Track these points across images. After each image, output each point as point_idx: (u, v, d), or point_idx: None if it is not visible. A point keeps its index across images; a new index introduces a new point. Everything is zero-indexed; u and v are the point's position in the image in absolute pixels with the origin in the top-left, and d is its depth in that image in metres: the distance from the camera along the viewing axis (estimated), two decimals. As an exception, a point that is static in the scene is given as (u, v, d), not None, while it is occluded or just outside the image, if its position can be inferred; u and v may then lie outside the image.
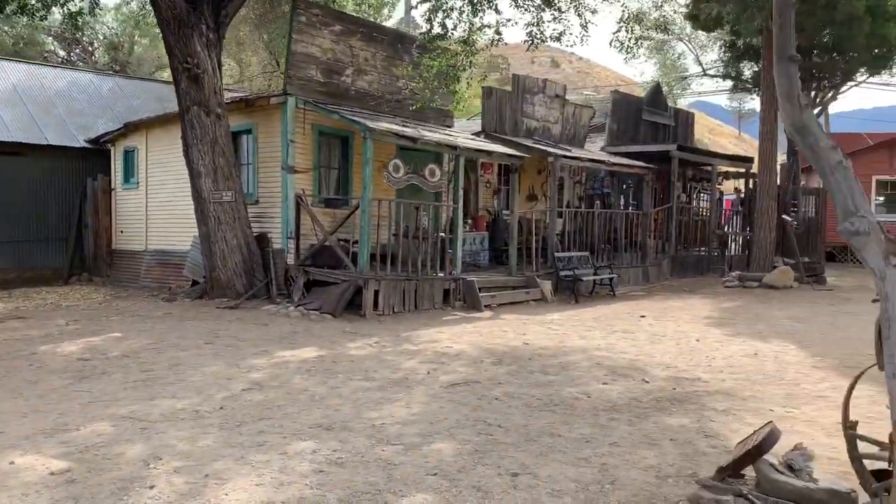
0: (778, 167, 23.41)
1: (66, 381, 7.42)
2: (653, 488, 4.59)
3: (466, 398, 6.83)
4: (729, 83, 30.89)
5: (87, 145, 18.01)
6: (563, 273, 15.12)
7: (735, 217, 22.23)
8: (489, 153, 14.58)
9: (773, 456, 4.48)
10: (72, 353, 8.79)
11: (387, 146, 13.77)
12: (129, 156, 17.36)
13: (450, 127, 16.35)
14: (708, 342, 10.05)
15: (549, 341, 9.99)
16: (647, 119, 21.97)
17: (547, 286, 14.77)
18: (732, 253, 21.23)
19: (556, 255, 15.34)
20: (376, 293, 12.05)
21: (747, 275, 17.41)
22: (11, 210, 16.94)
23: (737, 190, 24.37)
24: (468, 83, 15.38)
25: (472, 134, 16.95)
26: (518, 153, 15.17)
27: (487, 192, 18.14)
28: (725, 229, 21.99)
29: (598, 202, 19.98)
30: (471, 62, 13.89)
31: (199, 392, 7.00)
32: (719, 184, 22.34)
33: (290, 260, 13.27)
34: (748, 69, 27.25)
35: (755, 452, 4.44)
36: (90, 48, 37.89)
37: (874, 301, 4.00)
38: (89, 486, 4.57)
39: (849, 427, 4.07)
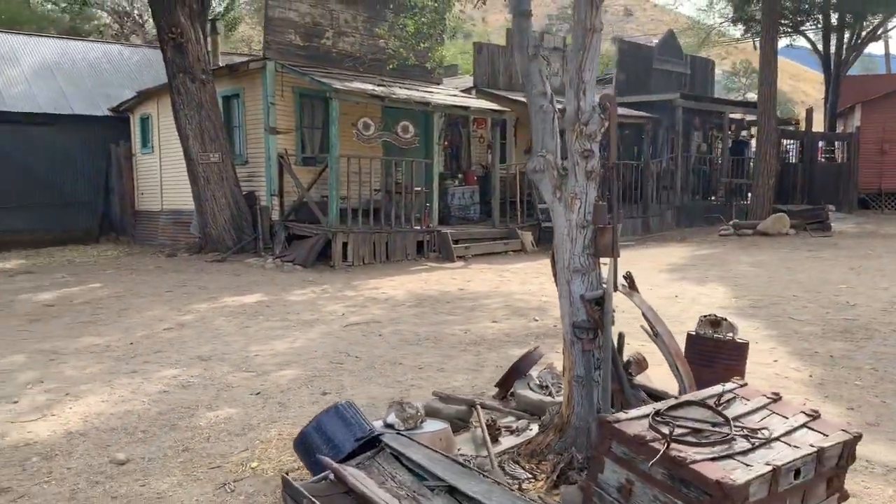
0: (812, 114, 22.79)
1: (20, 323, 8.46)
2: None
3: (352, 335, 7.49)
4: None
5: (110, 114, 19.26)
6: (544, 224, 15.47)
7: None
8: (465, 108, 14.95)
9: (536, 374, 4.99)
10: (43, 301, 9.88)
11: (371, 106, 14.35)
12: (144, 122, 18.51)
13: (437, 84, 16.74)
14: (641, 286, 10.33)
15: (486, 287, 10.51)
16: (659, 68, 21.71)
17: (528, 237, 15.18)
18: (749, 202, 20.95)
19: (540, 206, 15.67)
20: (345, 245, 12.78)
21: (743, 223, 17.30)
22: (45, 176, 18.38)
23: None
24: (447, 39, 15.69)
25: (463, 90, 17.30)
26: (497, 107, 15.47)
27: (481, 146, 18.49)
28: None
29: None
30: (443, 19, 14.21)
31: (125, 331, 7.89)
32: (732, 131, 21.91)
33: (276, 216, 14.12)
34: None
35: (513, 370, 4.97)
36: (141, 20, 39.52)
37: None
38: (-33, 401, 5.48)
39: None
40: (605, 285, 3.85)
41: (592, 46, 3.73)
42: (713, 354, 4.42)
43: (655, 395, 3.97)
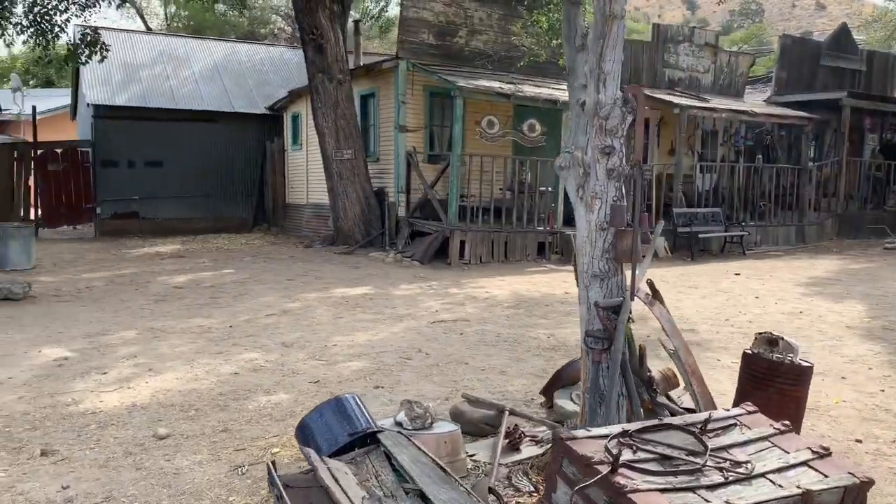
0: None
1: (147, 302, 9.22)
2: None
3: (434, 332, 7.48)
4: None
5: (266, 112, 20.57)
6: (680, 229, 14.67)
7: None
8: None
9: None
10: (175, 283, 10.72)
11: (500, 105, 14.28)
12: (295, 120, 19.59)
13: (575, 82, 16.32)
14: (768, 300, 9.53)
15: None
16: (828, 65, 19.86)
17: (660, 242, 14.44)
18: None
19: (675, 210, 14.88)
20: (463, 243, 12.81)
21: (914, 236, 15.45)
22: (206, 169, 19.97)
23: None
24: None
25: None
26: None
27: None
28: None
29: (757, 156, 18.66)
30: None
31: (232, 315, 8.38)
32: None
33: (402, 212, 14.43)
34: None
35: (556, 378, 4.75)
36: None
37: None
38: (68, 369, 6.03)
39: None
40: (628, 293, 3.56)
41: (612, 34, 3.45)
42: (766, 377, 3.95)
43: (678, 414, 3.61)
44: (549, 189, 13.96)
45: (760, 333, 4.07)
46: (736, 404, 4.12)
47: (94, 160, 18.82)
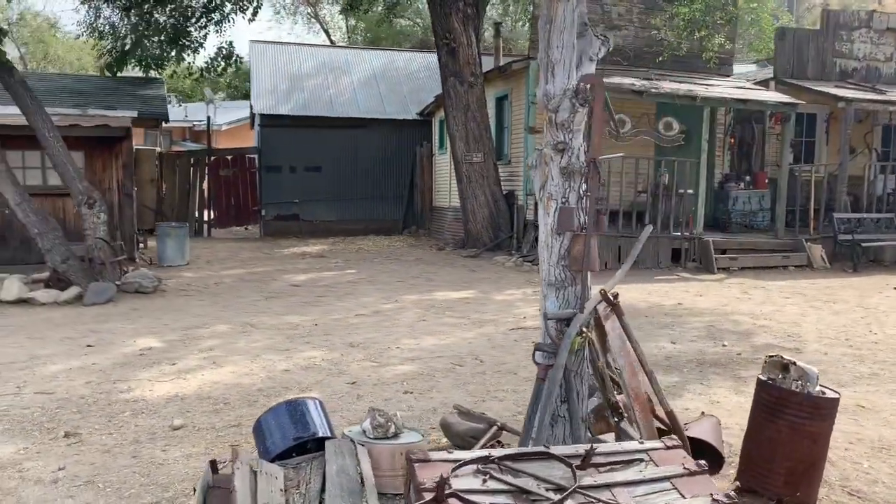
0: None
1: (258, 299, 9.75)
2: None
3: (505, 339, 7.23)
4: None
5: (417, 117, 21.08)
6: (841, 237, 13.12)
7: None
8: (743, 101, 13.28)
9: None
10: (294, 282, 11.25)
11: (634, 102, 13.60)
12: (441, 125, 19.86)
13: (726, 76, 15.16)
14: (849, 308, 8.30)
15: (712, 304, 9.30)
16: None
17: (817, 251, 13.00)
18: None
19: (835, 215, 13.32)
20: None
21: None
22: (360, 173, 20.84)
23: None
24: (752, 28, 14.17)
25: (758, 82, 15.44)
26: (789, 99, 13.47)
27: (780, 144, 16.23)
28: None
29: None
30: (726, 5, 12.86)
31: (324, 314, 8.63)
32: None
33: (530, 216, 14.15)
34: None
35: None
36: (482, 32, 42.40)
37: None
38: (146, 358, 6.51)
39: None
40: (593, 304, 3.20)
41: (559, 17, 3.10)
42: (776, 407, 3.38)
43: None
44: (689, 191, 13.04)
45: (771, 356, 3.50)
46: (748, 437, 3.61)
47: (259, 165, 20.30)
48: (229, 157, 20.29)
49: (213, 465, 3.41)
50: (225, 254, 15.56)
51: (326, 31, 44.24)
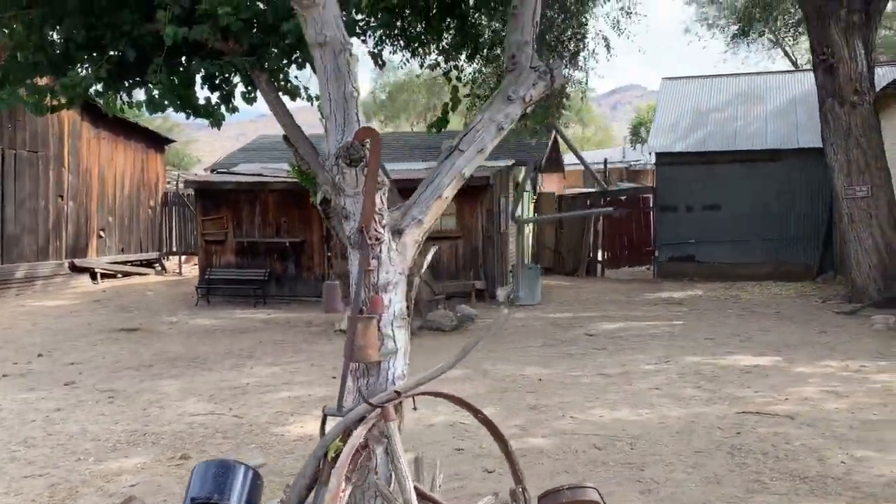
0: None
1: (532, 346, 9.65)
2: None
3: (709, 427, 5.90)
4: None
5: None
6: None
7: None
8: None
9: None
10: (601, 330, 10.72)
11: None
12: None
13: None
14: None
15: None
16: None
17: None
18: None
19: None
20: None
21: None
22: (765, 210, 18.67)
23: None
24: None
25: None
26: None
27: None
28: None
29: None
30: None
31: (568, 368, 8.20)
32: None
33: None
34: None
35: None
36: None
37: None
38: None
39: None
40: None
41: (330, 64, 2.61)
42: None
43: None
44: None
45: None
46: None
47: (654, 205, 19.78)
48: (623, 198, 20.27)
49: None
50: (591, 295, 15.61)
51: (789, 56, 40.39)
